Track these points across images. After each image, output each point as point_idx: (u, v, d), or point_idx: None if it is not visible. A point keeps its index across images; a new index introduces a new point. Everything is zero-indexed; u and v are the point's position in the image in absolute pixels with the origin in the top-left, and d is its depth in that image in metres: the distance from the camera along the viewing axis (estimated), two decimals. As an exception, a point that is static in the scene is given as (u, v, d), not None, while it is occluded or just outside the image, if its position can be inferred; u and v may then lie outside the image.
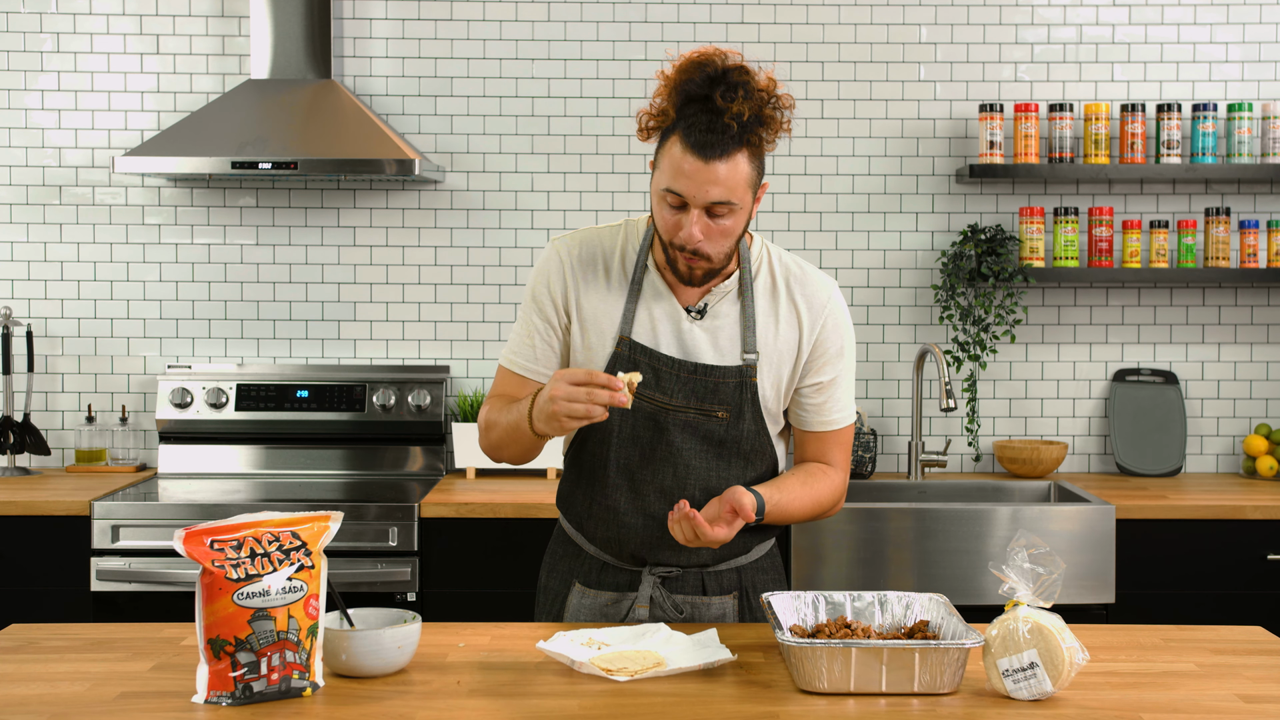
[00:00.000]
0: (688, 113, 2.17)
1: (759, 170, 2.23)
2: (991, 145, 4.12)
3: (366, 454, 4.18)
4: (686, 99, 2.18)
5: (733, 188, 2.17)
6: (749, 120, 2.16)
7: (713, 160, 2.14)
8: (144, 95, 4.25)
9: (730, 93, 2.14)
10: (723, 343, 2.33)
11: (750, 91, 2.15)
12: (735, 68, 2.16)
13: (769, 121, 2.18)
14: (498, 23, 4.26)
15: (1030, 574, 2.03)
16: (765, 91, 2.17)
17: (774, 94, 2.18)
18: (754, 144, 2.19)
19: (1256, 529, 3.69)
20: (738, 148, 2.16)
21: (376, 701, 1.99)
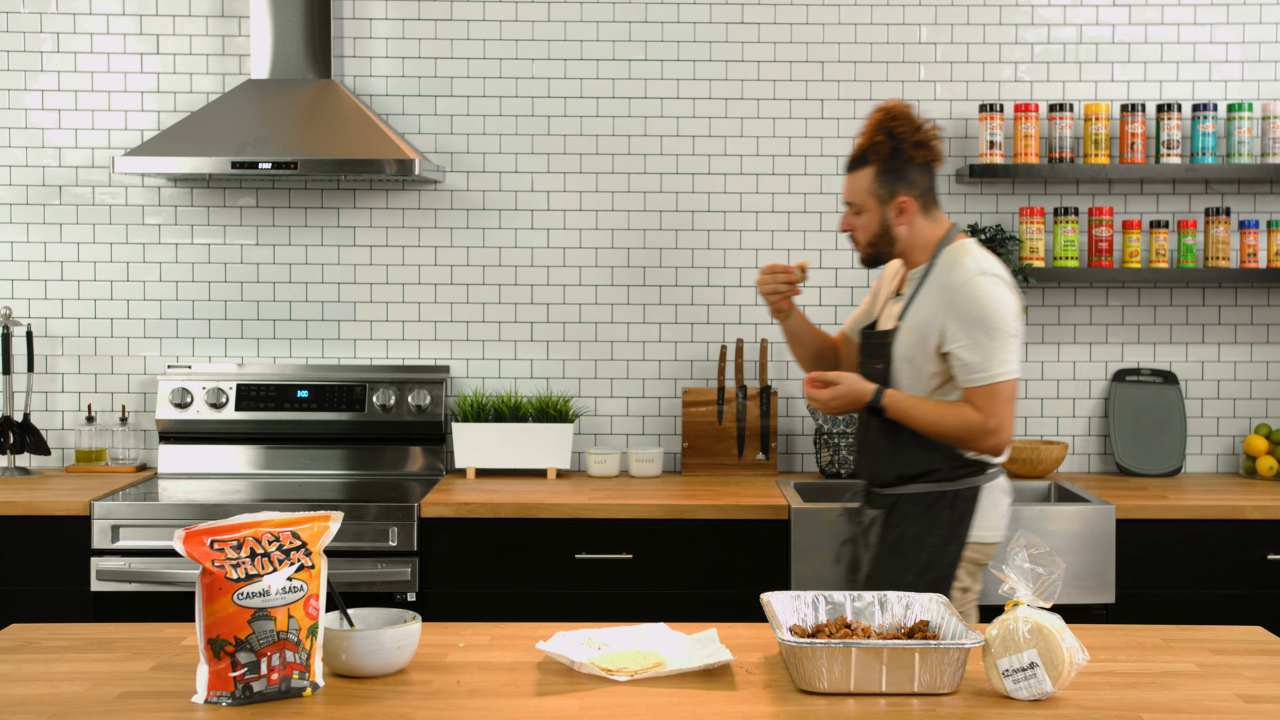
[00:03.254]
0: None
1: (885, 184, 2.96)
2: (991, 145, 4.12)
3: (366, 454, 4.18)
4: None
5: (855, 192, 3.00)
6: (869, 147, 2.98)
7: (847, 174, 3.05)
8: (144, 95, 4.25)
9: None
10: (894, 315, 2.99)
11: (880, 126, 2.97)
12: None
13: (880, 147, 2.96)
14: (498, 23, 4.26)
15: (1030, 574, 2.03)
16: (892, 126, 2.97)
17: (896, 131, 2.96)
18: (871, 161, 2.97)
19: (1256, 529, 3.69)
20: (860, 166, 2.99)
21: (376, 701, 2.00)
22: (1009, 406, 2.83)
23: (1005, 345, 2.82)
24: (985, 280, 2.84)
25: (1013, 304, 2.86)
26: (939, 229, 3.00)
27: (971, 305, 2.83)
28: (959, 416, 2.84)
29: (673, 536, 3.66)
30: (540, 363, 4.30)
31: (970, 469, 2.90)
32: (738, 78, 4.26)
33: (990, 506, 2.91)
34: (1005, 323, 2.83)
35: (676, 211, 4.28)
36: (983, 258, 2.91)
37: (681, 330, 4.30)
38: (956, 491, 2.89)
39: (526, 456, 4.12)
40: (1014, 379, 2.83)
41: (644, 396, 4.31)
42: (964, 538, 2.89)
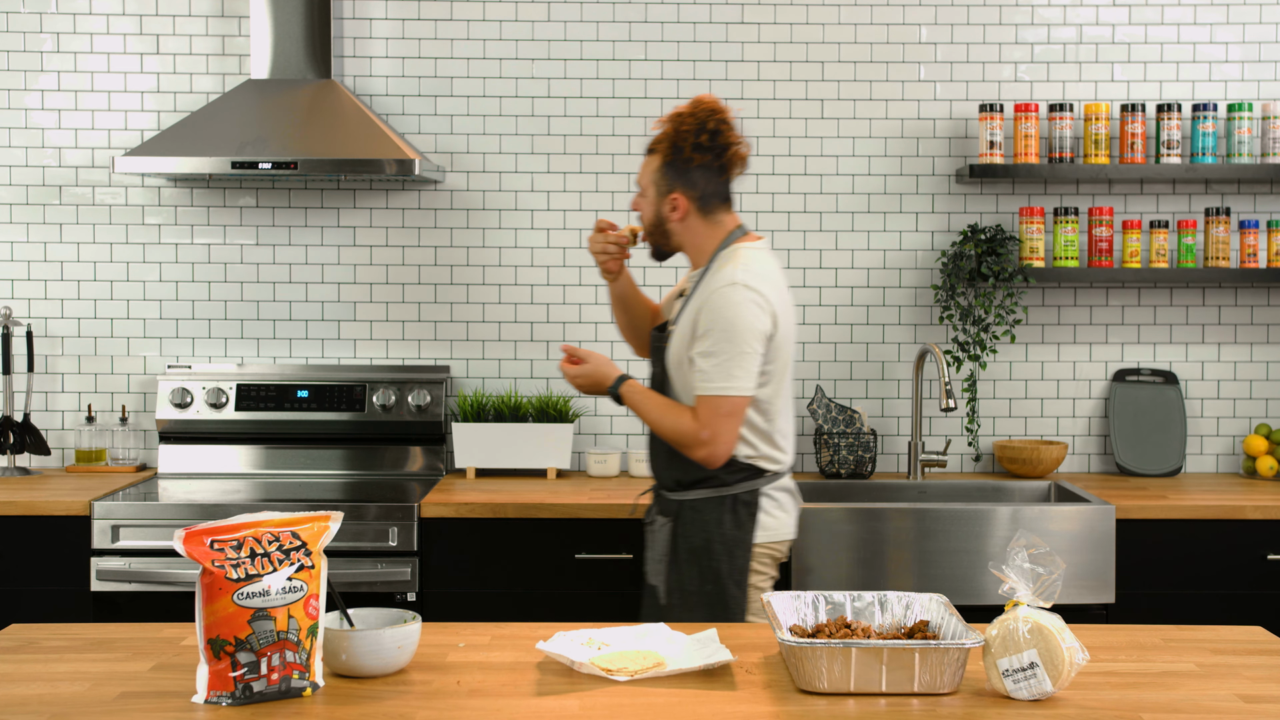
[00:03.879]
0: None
1: (665, 176, 2.92)
2: (991, 145, 4.12)
3: (366, 454, 4.18)
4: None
5: (641, 176, 2.99)
6: (658, 137, 2.95)
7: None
8: (144, 95, 4.25)
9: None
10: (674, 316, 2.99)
11: (673, 119, 2.93)
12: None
13: (666, 139, 2.92)
14: (498, 23, 4.26)
15: (1030, 574, 2.03)
16: (680, 123, 2.91)
17: (681, 129, 2.90)
18: (657, 151, 2.93)
19: (1256, 529, 3.69)
20: (650, 153, 2.97)
21: (376, 701, 2.00)
22: (729, 422, 2.80)
23: (739, 361, 2.78)
24: (735, 291, 2.80)
25: (759, 321, 2.80)
26: (719, 233, 2.94)
27: (715, 315, 2.80)
28: (677, 421, 2.84)
29: (673, 536, 3.66)
30: (540, 363, 4.30)
31: (746, 473, 2.91)
32: (738, 78, 4.26)
33: (773, 508, 2.93)
34: (744, 338, 2.78)
35: (676, 211, 4.27)
36: (747, 266, 2.85)
37: (681, 330, 4.29)
38: (735, 496, 2.90)
39: (526, 456, 4.12)
40: (740, 395, 2.79)
41: (644, 396, 4.30)
42: (750, 541, 2.90)
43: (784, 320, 2.88)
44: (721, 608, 2.87)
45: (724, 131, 2.90)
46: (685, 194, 2.92)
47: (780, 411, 2.93)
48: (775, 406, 2.91)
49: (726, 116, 2.92)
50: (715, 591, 2.87)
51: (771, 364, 2.86)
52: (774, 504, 2.94)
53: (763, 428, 2.90)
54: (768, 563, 2.95)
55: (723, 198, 2.95)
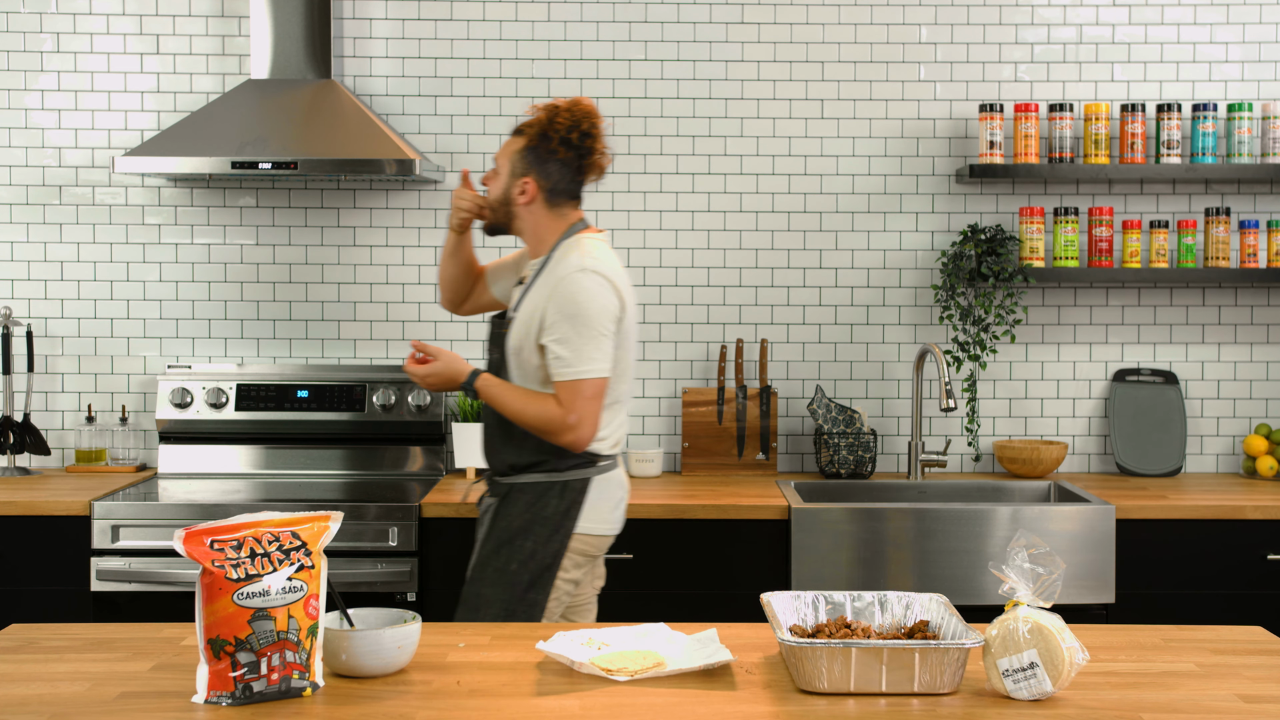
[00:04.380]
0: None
1: (523, 159, 2.97)
2: (991, 145, 4.12)
3: (366, 454, 4.18)
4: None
5: (500, 153, 3.04)
6: (529, 121, 3.01)
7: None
8: (144, 95, 4.25)
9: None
10: (514, 305, 3.03)
11: (549, 109, 2.99)
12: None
13: (536, 125, 2.98)
14: (498, 23, 4.26)
15: (1030, 574, 2.03)
16: (556, 115, 2.97)
17: (556, 120, 2.95)
18: (524, 134, 2.98)
19: (1256, 529, 3.69)
20: (516, 134, 3.02)
21: (376, 701, 2.00)
22: (592, 404, 2.86)
23: (595, 343, 2.86)
24: (585, 277, 2.87)
25: (610, 303, 2.88)
26: (562, 224, 3.01)
27: (567, 300, 2.86)
28: (541, 408, 2.88)
29: (673, 536, 3.66)
30: (540, 363, 4.30)
31: (579, 460, 2.95)
32: (738, 78, 4.26)
33: (600, 498, 2.96)
34: (598, 321, 2.86)
35: (676, 211, 4.28)
36: (592, 254, 2.92)
37: (681, 330, 4.30)
38: (565, 482, 2.94)
39: (526, 456, 4.11)
40: (600, 378, 2.87)
41: (644, 396, 4.31)
42: (570, 529, 2.94)
43: (629, 310, 2.95)
44: (528, 590, 2.90)
45: (594, 137, 2.98)
46: (537, 182, 2.98)
47: (624, 400, 3.00)
48: (617, 393, 2.96)
49: (599, 125, 2.99)
50: (524, 573, 2.90)
51: (617, 350, 2.93)
52: (601, 495, 2.97)
53: (608, 416, 2.96)
54: (579, 559, 2.97)
55: (572, 195, 3.02)
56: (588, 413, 2.86)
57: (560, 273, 2.90)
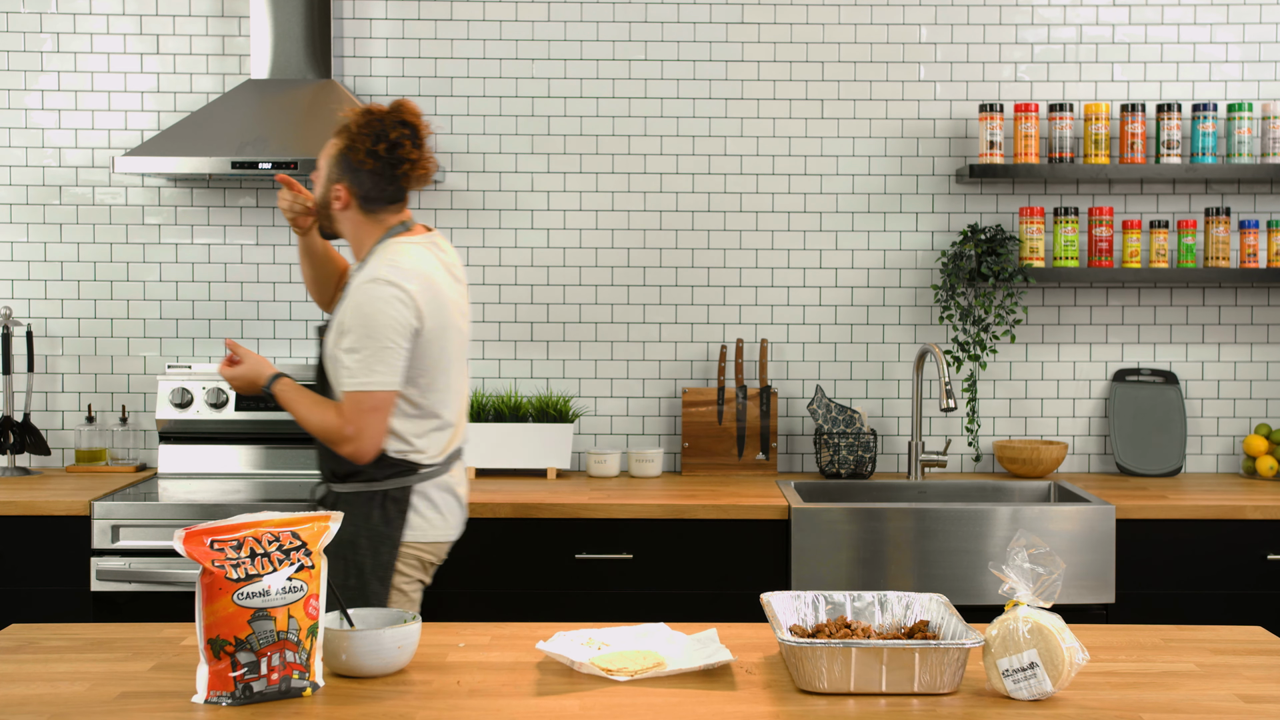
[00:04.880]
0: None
1: (337, 164, 2.91)
2: (991, 145, 4.12)
3: (366, 454, 4.17)
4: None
5: (321, 152, 2.97)
6: (342, 125, 2.94)
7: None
8: (144, 95, 4.25)
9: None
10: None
11: (361, 115, 2.92)
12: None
13: (345, 133, 2.91)
14: (498, 23, 4.26)
15: (1030, 574, 2.03)
16: (363, 124, 2.90)
17: (361, 131, 2.88)
18: (337, 137, 2.92)
19: (1256, 529, 3.69)
20: (334, 134, 2.95)
21: (376, 701, 2.00)
22: (373, 417, 2.80)
23: (379, 356, 2.79)
24: (376, 287, 2.80)
25: (399, 316, 2.80)
26: (379, 230, 2.94)
27: (356, 310, 2.81)
28: (323, 417, 2.84)
29: (673, 536, 3.66)
30: (540, 363, 4.31)
31: (397, 469, 2.90)
32: (738, 78, 4.26)
33: (427, 507, 2.92)
34: (384, 333, 2.78)
35: (676, 211, 4.28)
36: (393, 263, 2.84)
37: (681, 330, 4.30)
38: (385, 492, 2.90)
39: (526, 456, 4.12)
40: (382, 391, 2.80)
41: (644, 396, 4.31)
42: (398, 539, 2.90)
43: (437, 316, 2.86)
44: (363, 604, 2.87)
45: (404, 145, 2.87)
46: (350, 189, 2.90)
47: (439, 408, 2.92)
48: (430, 402, 2.90)
49: (421, 133, 2.90)
50: (358, 587, 2.87)
51: (423, 360, 2.86)
52: (428, 503, 2.93)
53: (415, 424, 2.89)
54: (415, 564, 2.94)
55: (389, 200, 2.93)
56: (367, 425, 2.79)
57: (358, 281, 2.85)
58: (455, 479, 2.99)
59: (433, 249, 2.94)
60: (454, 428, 2.97)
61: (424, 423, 2.90)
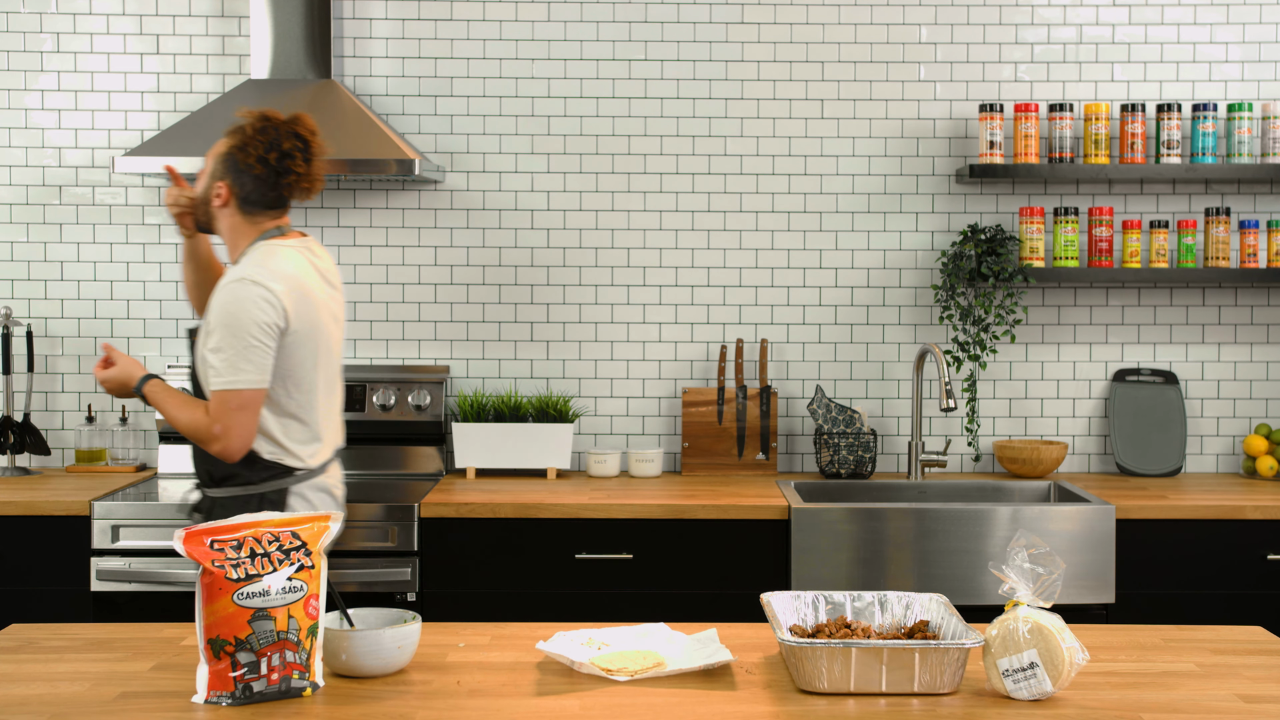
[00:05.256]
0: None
1: (223, 163, 2.95)
2: (991, 145, 4.12)
3: (366, 454, 4.18)
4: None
5: (210, 150, 3.01)
6: (235, 127, 2.98)
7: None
8: (144, 95, 4.25)
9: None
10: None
11: (258, 119, 2.96)
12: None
13: (238, 135, 2.96)
14: (498, 23, 4.26)
15: (1030, 574, 2.03)
16: (261, 130, 2.94)
17: (256, 136, 2.92)
18: (228, 136, 2.96)
19: (1256, 529, 3.69)
20: (225, 134, 2.99)
21: (376, 701, 2.00)
22: (240, 415, 2.82)
23: (245, 355, 2.81)
24: (241, 286, 2.83)
25: (264, 315, 2.82)
26: (254, 231, 2.97)
27: (222, 309, 2.83)
28: (192, 416, 2.86)
29: (673, 536, 3.66)
30: (540, 363, 4.31)
31: (272, 471, 2.92)
32: (738, 78, 4.26)
33: (304, 508, 2.94)
34: (249, 332, 2.81)
35: (676, 211, 4.28)
36: (260, 264, 2.88)
37: (681, 330, 4.30)
38: (262, 494, 2.92)
39: (526, 456, 4.12)
40: (248, 389, 2.82)
41: (644, 396, 4.31)
42: None
43: (305, 318, 2.88)
44: None
45: (295, 158, 2.92)
46: (231, 188, 2.94)
47: (307, 410, 2.93)
48: (299, 404, 2.91)
49: (313, 147, 2.95)
50: None
51: (291, 362, 2.88)
52: (304, 504, 2.94)
53: (287, 426, 2.91)
54: None
55: (268, 206, 2.97)
56: (234, 424, 2.82)
57: (223, 282, 2.88)
58: (332, 480, 3.02)
59: (306, 253, 2.98)
60: (327, 430, 3.00)
61: (294, 424, 2.92)
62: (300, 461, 2.94)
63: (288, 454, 2.92)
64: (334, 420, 3.03)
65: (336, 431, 3.05)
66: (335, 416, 3.04)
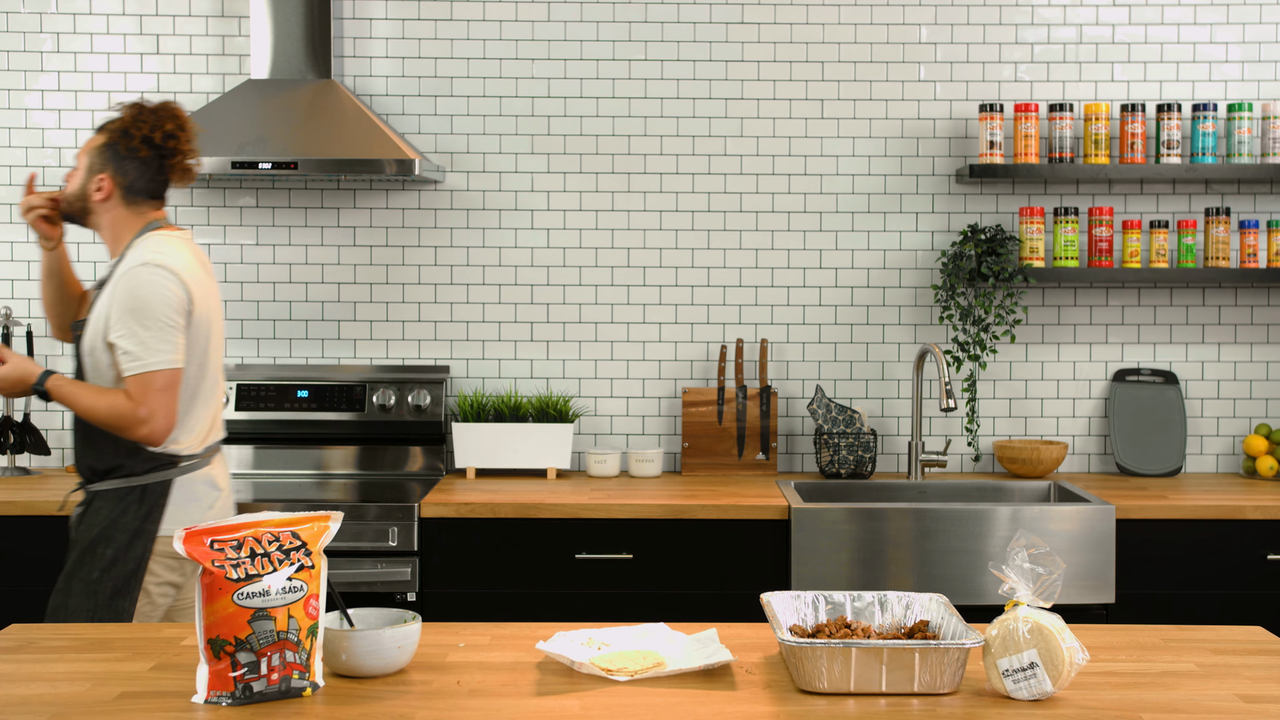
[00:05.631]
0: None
1: (101, 156, 2.98)
2: (991, 145, 4.12)
3: (366, 454, 4.18)
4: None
5: (83, 148, 3.03)
6: (110, 121, 3.02)
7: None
8: (144, 96, 4.25)
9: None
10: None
11: (133, 108, 3.00)
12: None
13: (118, 125, 2.99)
14: (498, 23, 4.26)
15: (1030, 574, 2.03)
16: (139, 115, 2.99)
17: (139, 119, 2.97)
18: (104, 131, 3.00)
19: (1256, 529, 3.69)
20: (98, 130, 3.03)
21: (376, 701, 1.99)
22: (164, 396, 2.86)
23: (161, 335, 2.85)
24: (146, 270, 2.87)
25: (173, 295, 2.87)
26: (138, 223, 3.01)
27: (128, 295, 2.86)
28: (112, 403, 2.86)
29: (673, 536, 3.66)
30: (540, 363, 4.31)
31: (157, 463, 2.93)
32: (738, 78, 4.26)
33: (187, 500, 2.95)
34: (161, 313, 2.86)
35: (677, 211, 4.28)
36: (157, 249, 2.92)
37: (681, 330, 4.30)
38: (144, 486, 2.93)
39: (526, 456, 4.12)
40: (169, 369, 2.87)
41: (644, 396, 4.31)
42: (154, 532, 2.92)
43: (202, 305, 2.94)
44: (114, 598, 2.89)
45: (180, 138, 2.99)
46: (114, 179, 2.98)
47: (196, 399, 2.97)
48: (193, 391, 2.96)
49: (187, 129, 3.02)
50: (108, 581, 2.89)
51: (190, 348, 2.92)
52: (188, 496, 2.96)
53: (178, 414, 2.94)
54: (171, 563, 2.95)
55: (151, 195, 3.03)
56: (159, 405, 2.85)
57: (123, 269, 2.90)
58: (216, 470, 3.03)
59: (190, 245, 3.03)
60: (211, 419, 3.02)
61: (187, 409, 2.94)
62: (184, 450, 2.96)
63: (173, 442, 2.94)
64: (217, 412, 3.06)
65: (219, 423, 3.08)
66: (218, 409, 3.06)
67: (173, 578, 2.97)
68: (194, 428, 2.98)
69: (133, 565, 2.90)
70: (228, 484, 3.09)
